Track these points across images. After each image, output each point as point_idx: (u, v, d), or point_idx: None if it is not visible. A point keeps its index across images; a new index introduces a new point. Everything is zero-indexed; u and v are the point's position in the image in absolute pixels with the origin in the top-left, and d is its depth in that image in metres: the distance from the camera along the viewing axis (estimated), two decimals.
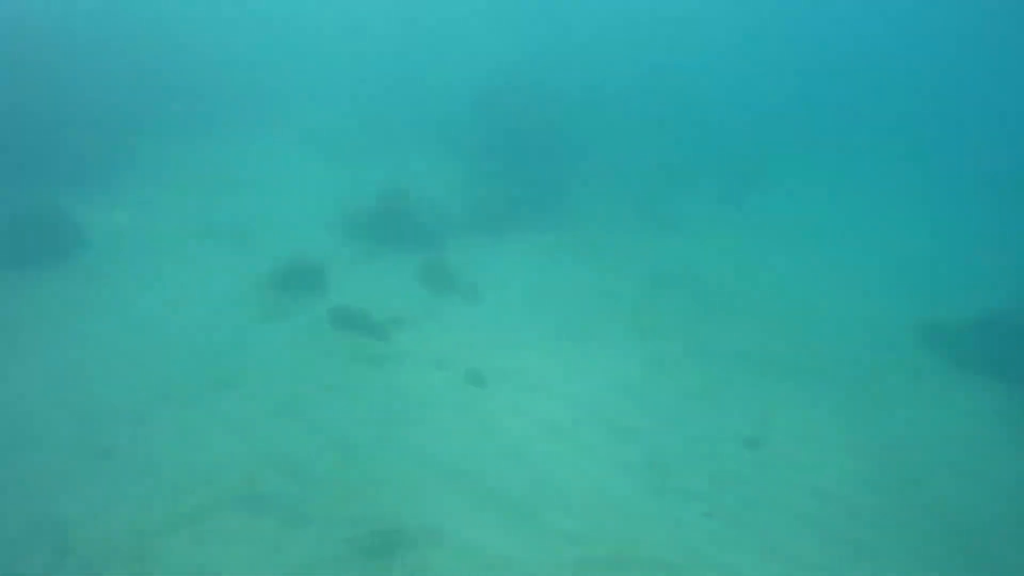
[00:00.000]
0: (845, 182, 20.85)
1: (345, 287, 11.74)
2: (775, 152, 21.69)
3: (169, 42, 19.62)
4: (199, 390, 8.62)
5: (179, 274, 11.76)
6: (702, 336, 11.77)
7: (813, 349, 11.69)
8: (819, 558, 7.15)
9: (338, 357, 9.85)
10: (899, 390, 10.73)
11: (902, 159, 22.47)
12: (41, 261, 11.43)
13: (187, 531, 6.28)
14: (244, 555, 6.06)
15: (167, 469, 7.14)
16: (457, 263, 13.14)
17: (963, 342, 11.64)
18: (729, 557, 7.00)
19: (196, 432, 7.80)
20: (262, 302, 11.12)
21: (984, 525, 7.95)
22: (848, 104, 26.78)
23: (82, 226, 12.46)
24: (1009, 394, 10.80)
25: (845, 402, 10.21)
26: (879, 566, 7.13)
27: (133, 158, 15.89)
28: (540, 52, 23.98)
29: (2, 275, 11.01)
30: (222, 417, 8.13)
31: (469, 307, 11.92)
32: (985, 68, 32.72)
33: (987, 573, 7.29)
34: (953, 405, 10.46)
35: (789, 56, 29.53)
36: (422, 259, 12.74)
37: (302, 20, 26.15)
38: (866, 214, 18.74)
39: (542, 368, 10.19)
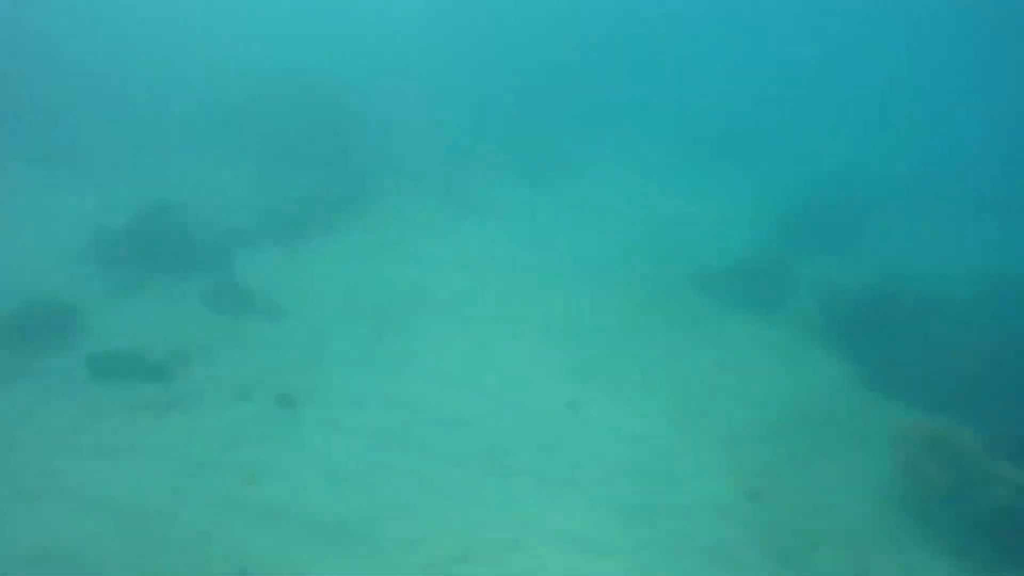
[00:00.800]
0: (625, 159, 23.29)
1: (106, 327, 9.85)
2: (566, 130, 23.37)
3: None
4: None
5: None
6: (519, 316, 12.26)
7: (610, 309, 12.86)
8: (636, 496, 7.94)
9: (108, 413, 8.21)
10: (685, 333, 12.37)
11: (671, 137, 25.81)
12: None
13: None
14: None
15: None
16: (252, 279, 11.85)
17: (730, 285, 13.81)
18: (563, 519, 7.40)
19: None
20: None
21: (760, 435, 9.52)
22: (627, 85, 29.73)
23: None
24: (771, 325, 13.00)
25: (643, 351, 11.46)
26: (684, 488, 8.15)
27: None
28: (322, 38, 22.63)
29: None
30: None
31: (272, 325, 10.84)
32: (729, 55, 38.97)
33: (765, 477, 8.74)
34: (729, 341, 12.33)
35: (576, 39, 31.73)
36: (207, 280, 11.22)
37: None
38: (642, 184, 21.22)
39: (359, 376, 9.69)
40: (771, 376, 11.01)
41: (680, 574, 6.90)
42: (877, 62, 38.32)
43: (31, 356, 9.09)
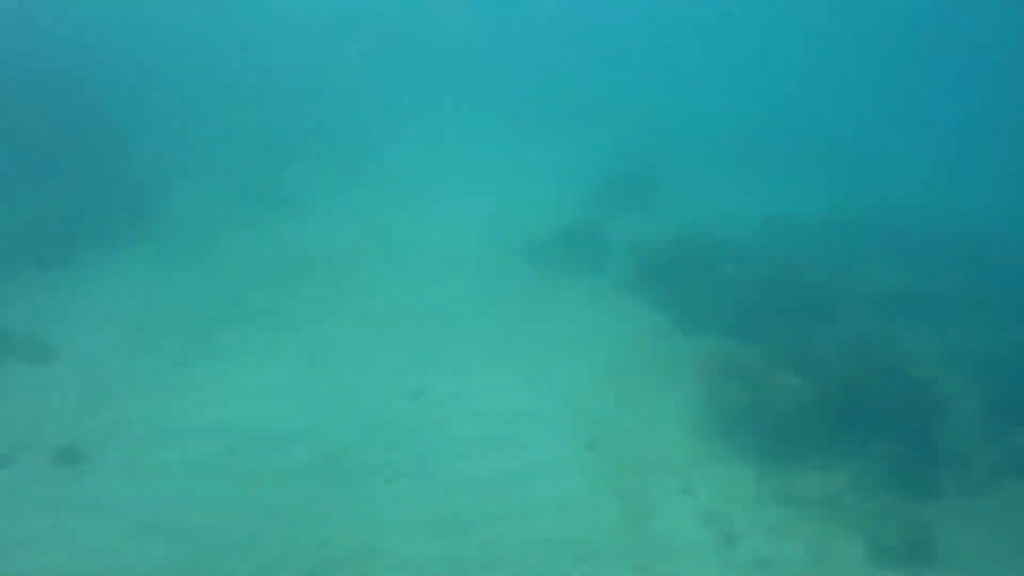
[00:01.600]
0: (443, 140, 23.25)
1: None
2: (381, 116, 22.64)
3: None
4: None
5: None
6: (350, 312, 11.68)
7: (446, 292, 12.86)
8: (488, 468, 8.09)
9: None
10: (520, 303, 12.82)
11: (488, 115, 26.30)
12: None
13: None
14: None
15: None
16: (5, 316, 9.68)
17: (556, 253, 14.58)
18: (418, 510, 7.28)
19: None
20: None
21: (594, 387, 10.22)
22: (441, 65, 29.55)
23: None
24: (594, 285, 13.94)
25: (482, 326, 11.66)
26: (532, 451, 8.50)
27: None
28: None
29: None
30: None
31: (38, 368, 8.98)
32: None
33: (602, 426, 9.43)
34: (560, 305, 12.99)
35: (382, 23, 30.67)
36: None
37: None
38: (464, 164, 21.44)
39: (162, 408, 8.49)
40: (599, 332, 11.89)
41: (534, 535, 7.20)
42: (668, 37, 42.98)
43: None
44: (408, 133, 22.46)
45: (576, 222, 15.28)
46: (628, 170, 19.24)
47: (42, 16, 19.23)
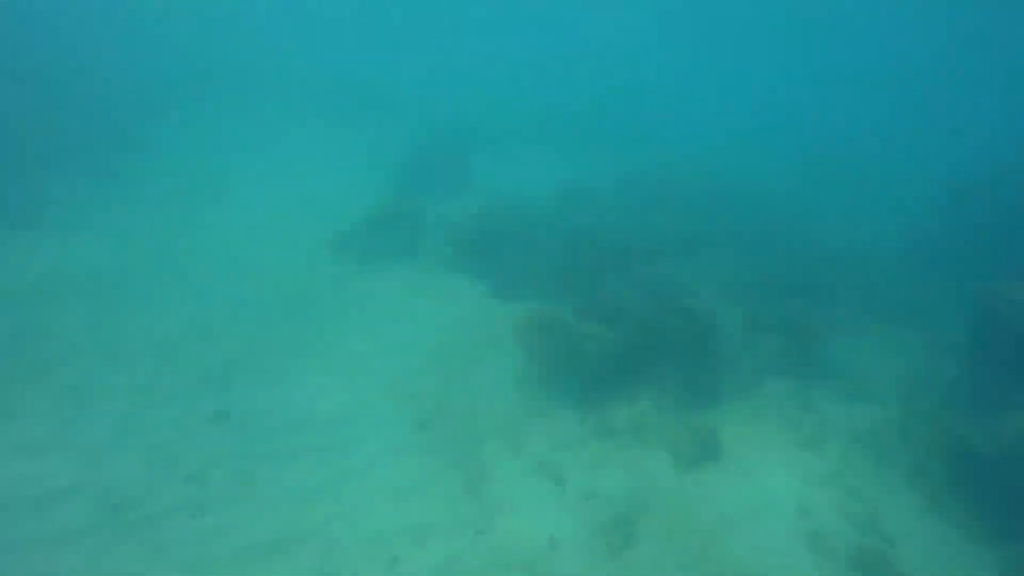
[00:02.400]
0: (236, 133, 21.06)
1: None
2: (149, 110, 19.71)
3: None
4: None
5: None
6: (118, 342, 10.08)
7: (246, 301, 11.78)
8: (301, 479, 7.66)
9: None
10: (331, 300, 12.23)
11: (277, 102, 24.29)
12: None
13: None
14: None
15: None
16: None
17: (365, 241, 14.13)
18: (232, 542, 6.64)
19: None
20: None
21: (420, 368, 10.21)
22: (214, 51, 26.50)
23: None
24: (410, 269, 13.81)
25: (292, 332, 10.91)
26: (361, 446, 8.23)
27: None
28: None
29: None
30: None
31: None
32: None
33: (431, 404, 9.48)
34: (373, 294, 12.68)
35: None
36: None
37: None
38: (260, 158, 19.69)
39: None
40: (418, 315, 11.88)
41: (371, 530, 7.02)
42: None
43: None
44: (192, 133, 19.92)
45: (386, 207, 14.98)
46: (438, 151, 19.38)
47: None
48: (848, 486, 8.24)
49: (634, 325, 10.15)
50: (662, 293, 11.61)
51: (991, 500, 7.72)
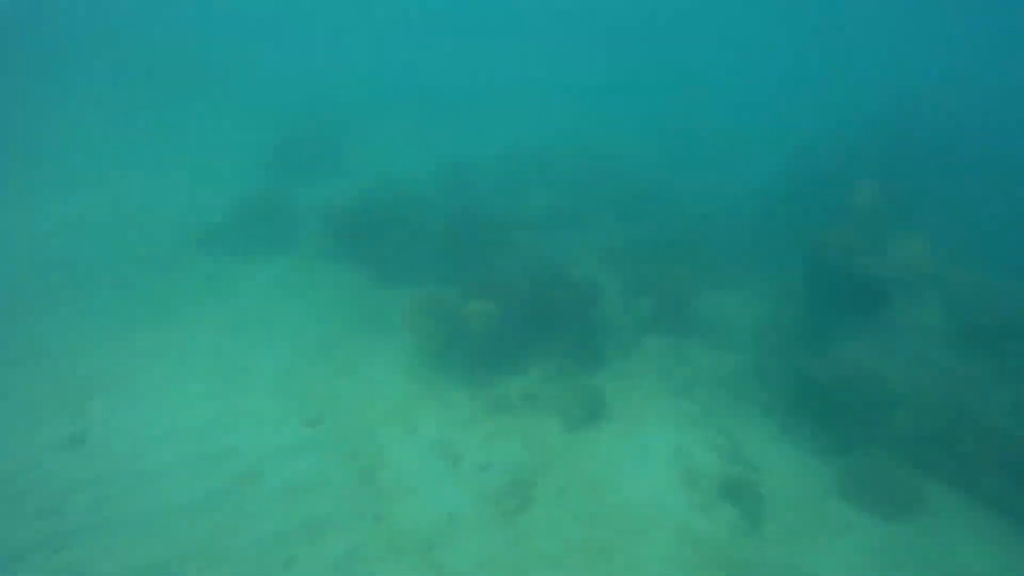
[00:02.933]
0: (82, 125, 18.64)
1: None
2: None
3: None
4: None
5: None
6: None
7: (99, 311, 10.71)
8: (203, 489, 7.28)
9: None
10: (203, 303, 11.44)
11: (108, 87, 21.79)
12: None
13: None
14: None
15: None
16: None
17: (236, 235, 13.28)
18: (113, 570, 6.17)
19: None
20: None
21: (305, 363, 9.91)
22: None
23: None
24: (286, 260, 13.16)
25: (159, 340, 10.13)
26: (248, 452, 7.91)
27: None
28: None
29: None
30: None
31: None
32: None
33: (320, 399, 9.27)
34: (250, 290, 12.03)
35: None
36: None
37: None
38: (107, 151, 17.65)
39: None
40: (299, 309, 11.48)
41: (265, 533, 6.83)
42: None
43: None
44: (33, 125, 17.36)
45: (258, 196, 14.16)
46: (309, 134, 18.50)
47: None
48: (715, 425, 9.23)
49: (519, 299, 10.53)
50: (545, 266, 12.10)
51: (829, 420, 9.03)
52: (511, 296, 10.58)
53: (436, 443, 8.43)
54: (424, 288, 11.04)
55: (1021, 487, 7.86)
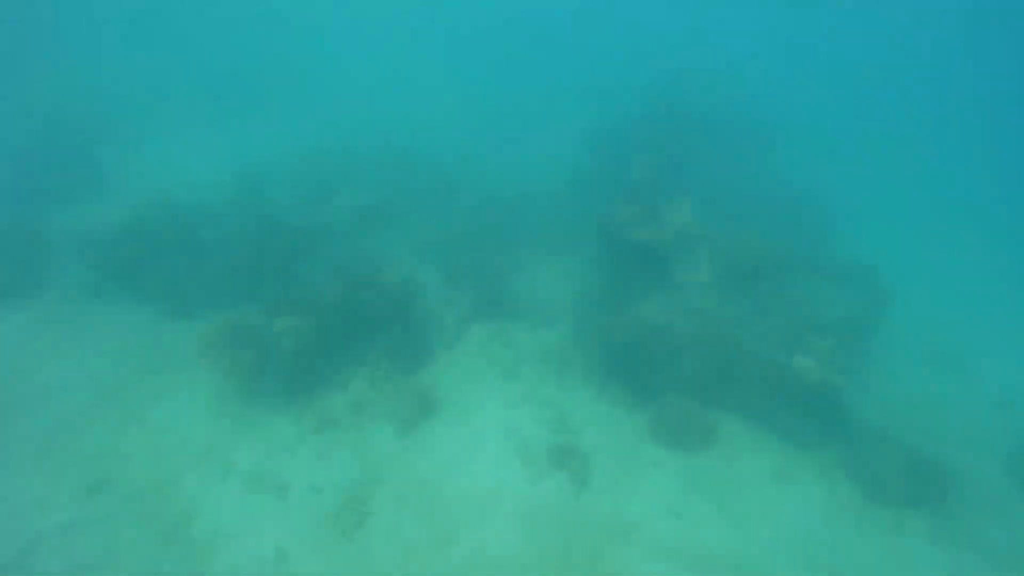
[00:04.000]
0: None
1: None
2: None
3: None
4: None
5: None
6: None
7: None
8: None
9: None
10: None
11: None
12: None
13: None
14: None
15: None
16: None
17: None
18: None
19: None
20: None
21: (85, 423, 8.53)
22: None
23: None
24: (38, 305, 11.08)
25: None
26: (21, 534, 6.64)
27: None
28: None
29: None
30: None
31: None
32: None
33: (105, 461, 8.07)
34: None
35: None
36: None
37: None
38: None
39: None
40: (63, 364, 9.84)
41: None
42: None
43: None
44: None
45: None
46: (55, 148, 15.65)
47: None
48: (540, 399, 9.94)
49: (331, 309, 10.20)
50: (356, 270, 11.86)
51: (634, 375, 10.24)
52: (322, 307, 10.20)
53: (257, 477, 7.88)
54: (224, 313, 10.15)
55: (782, 403, 9.71)
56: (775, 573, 7.39)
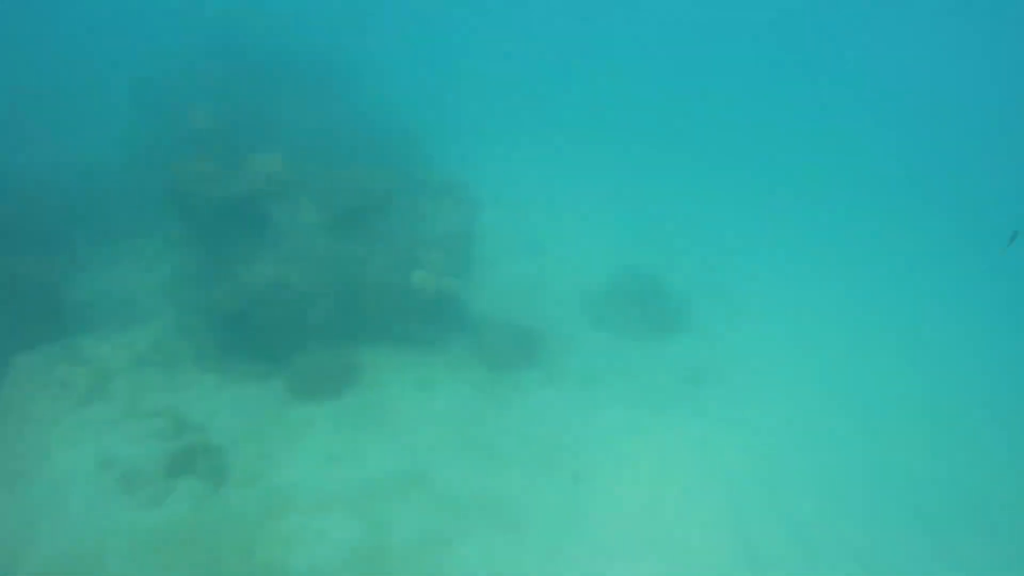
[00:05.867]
0: None
1: None
2: None
3: None
4: None
5: None
6: None
7: None
8: None
9: None
10: None
11: None
12: None
13: None
14: None
15: None
16: None
17: None
18: None
19: None
20: None
21: None
22: None
23: None
24: None
25: None
26: None
27: None
28: None
29: None
30: None
31: None
32: None
33: None
34: None
35: None
36: None
37: None
38: None
39: None
40: None
41: None
42: None
43: None
44: None
45: None
46: None
47: None
48: (144, 410, 8.21)
49: None
50: None
51: (258, 342, 9.32)
52: None
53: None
54: None
55: (411, 319, 10.13)
56: (442, 468, 7.83)
